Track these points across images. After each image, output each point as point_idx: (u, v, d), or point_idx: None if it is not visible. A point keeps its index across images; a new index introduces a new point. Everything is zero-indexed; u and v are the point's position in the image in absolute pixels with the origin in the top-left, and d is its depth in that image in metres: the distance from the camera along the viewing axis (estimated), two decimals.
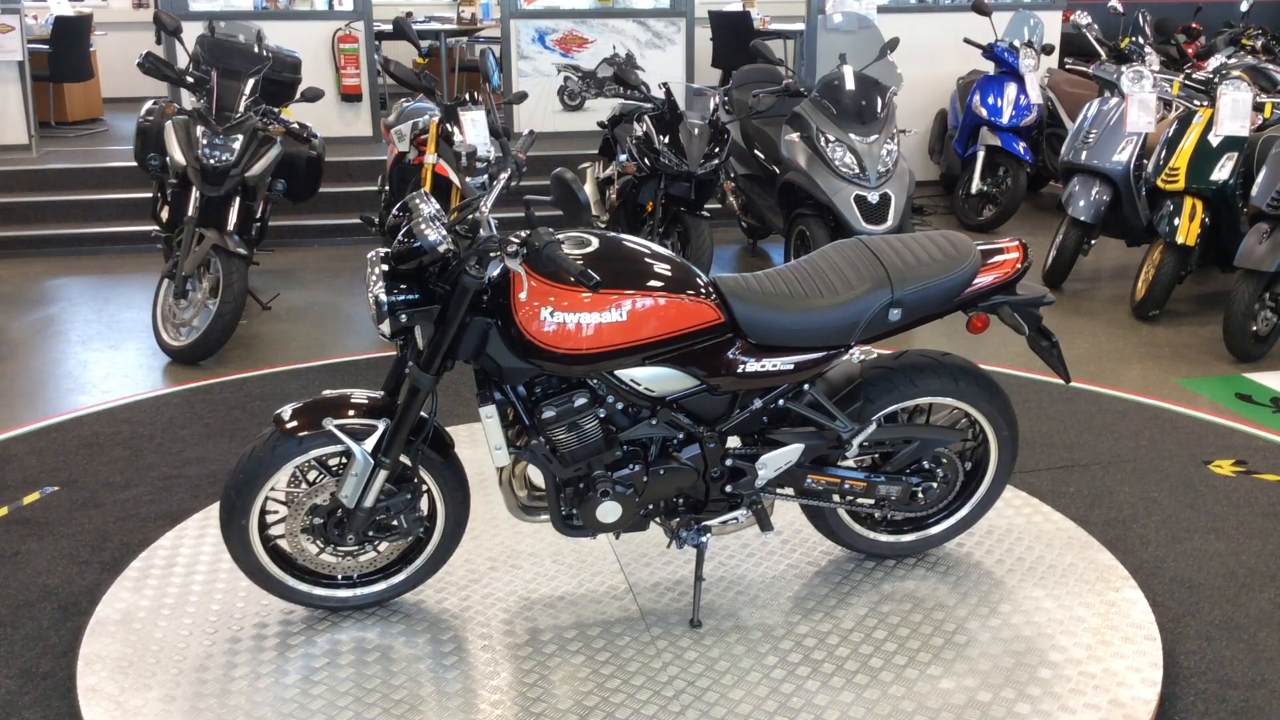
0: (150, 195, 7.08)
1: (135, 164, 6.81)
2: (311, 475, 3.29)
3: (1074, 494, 4.36)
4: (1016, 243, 3.39)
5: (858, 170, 6.51)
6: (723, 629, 3.35)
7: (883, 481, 3.46)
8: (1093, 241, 7.16)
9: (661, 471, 3.25)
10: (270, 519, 3.33)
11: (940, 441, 3.50)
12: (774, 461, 3.32)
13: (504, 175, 3.18)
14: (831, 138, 6.60)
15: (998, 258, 3.33)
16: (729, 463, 3.31)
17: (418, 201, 3.07)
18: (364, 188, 8.61)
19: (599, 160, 7.86)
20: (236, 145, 5.96)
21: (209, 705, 3.02)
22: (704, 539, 3.38)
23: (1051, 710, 2.98)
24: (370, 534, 3.30)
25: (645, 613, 3.43)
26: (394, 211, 3.15)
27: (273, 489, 3.24)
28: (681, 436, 3.27)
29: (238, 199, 6.08)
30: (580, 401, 3.12)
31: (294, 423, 3.15)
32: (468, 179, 3.24)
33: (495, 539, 3.85)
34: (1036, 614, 3.42)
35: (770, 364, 3.21)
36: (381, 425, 3.16)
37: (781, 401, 3.32)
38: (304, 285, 7.52)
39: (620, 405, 3.19)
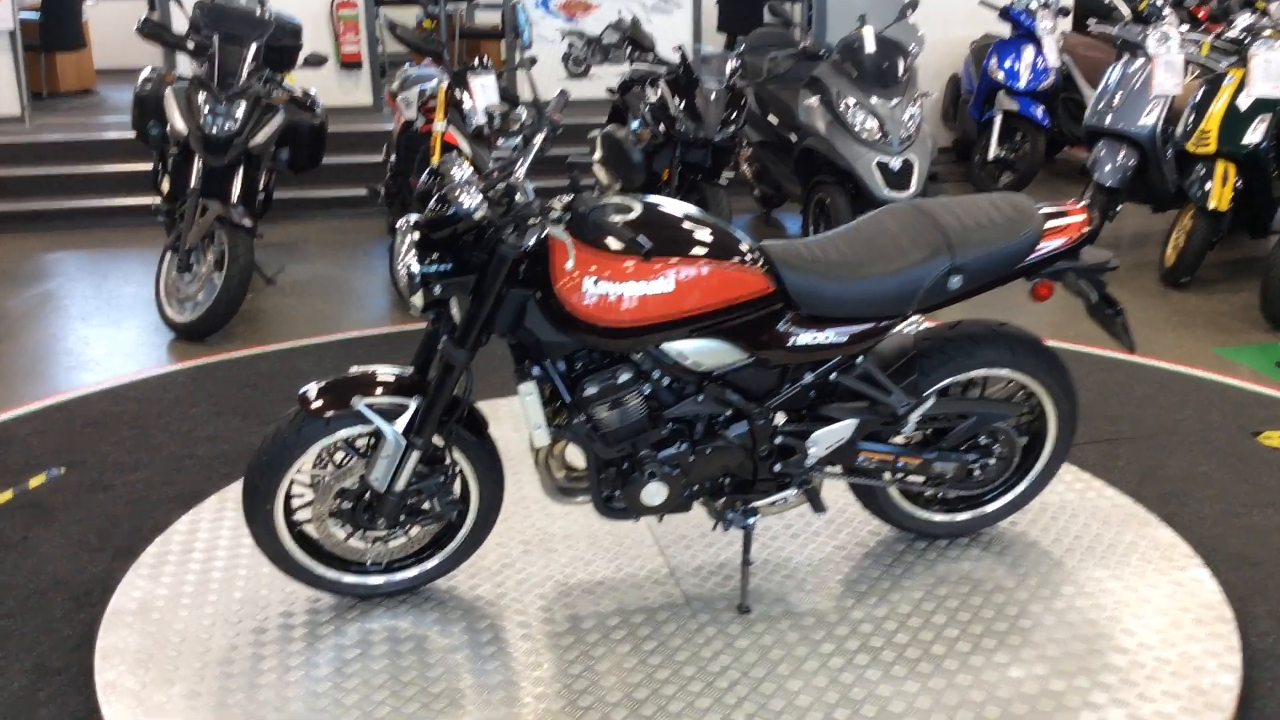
0: (150, 166, 6.85)
1: (132, 135, 6.60)
2: (338, 456, 3.11)
3: (1123, 468, 4.19)
4: (1081, 205, 3.21)
5: (879, 135, 6.32)
6: (773, 614, 3.18)
7: (937, 458, 3.30)
8: (1118, 208, 6.98)
9: (708, 450, 3.07)
10: (295, 503, 3.15)
11: (999, 416, 3.33)
12: (826, 439, 3.15)
13: (539, 138, 2.99)
14: (852, 101, 6.40)
15: (1062, 221, 3.15)
16: (778, 440, 3.13)
17: (450, 166, 2.88)
18: (366, 158, 8.39)
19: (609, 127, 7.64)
20: (240, 113, 5.76)
21: (237, 700, 2.85)
22: (751, 520, 3.21)
23: (1129, 699, 2.82)
24: (401, 518, 3.12)
25: (690, 598, 3.26)
26: (424, 177, 2.96)
27: (299, 472, 3.06)
28: (729, 413, 3.09)
29: (241, 169, 5.87)
30: (624, 377, 2.94)
31: (320, 402, 2.97)
32: (500, 141, 3.04)
33: (526, 521, 3.68)
34: (1101, 595, 3.26)
35: (822, 336, 3.03)
36: (413, 404, 2.98)
37: (833, 375, 3.14)
38: (308, 259, 7.32)
39: (666, 381, 3.01)
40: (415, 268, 2.79)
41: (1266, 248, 5.78)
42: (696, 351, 2.97)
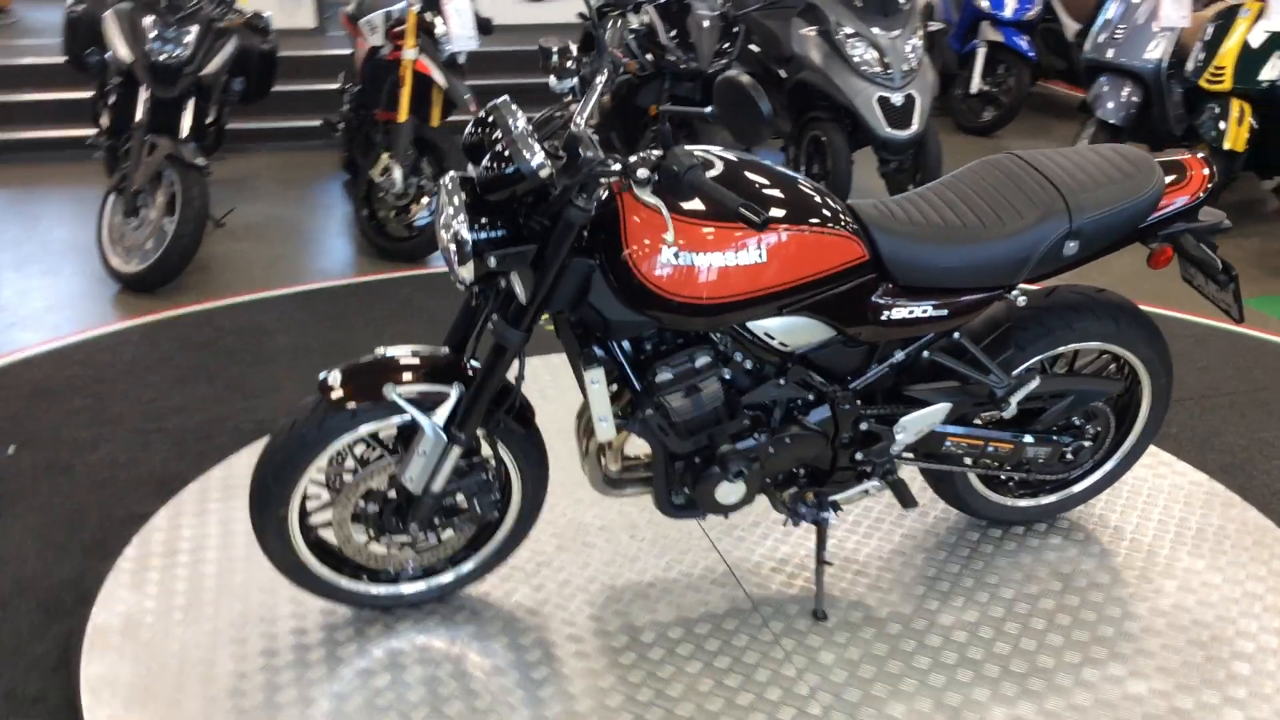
0: (88, 96, 6.20)
1: (62, 60, 5.96)
2: (359, 450, 2.68)
3: (1178, 435, 3.90)
4: (1200, 157, 2.85)
5: (880, 68, 5.91)
6: (852, 621, 2.84)
7: (1032, 442, 2.95)
8: None
9: (787, 439, 2.70)
10: (309, 505, 2.72)
11: (1098, 394, 2.99)
12: (915, 424, 2.79)
13: (600, 79, 2.55)
14: (851, 32, 5.98)
15: (1182, 176, 2.79)
16: (863, 426, 2.76)
17: (506, 115, 2.43)
18: (312, 86, 7.80)
19: None
20: (190, 39, 5.19)
21: None
22: (826, 514, 2.85)
23: (1266, 717, 2.52)
24: (436, 520, 2.71)
25: (757, 602, 2.90)
26: (470, 128, 2.51)
27: (319, 470, 2.63)
28: (811, 397, 2.71)
29: (192, 101, 5.30)
30: (702, 361, 2.54)
31: (345, 391, 2.53)
32: (552, 80, 2.57)
33: (555, 511, 3.29)
34: (1205, 591, 2.96)
35: (919, 309, 2.65)
36: (454, 392, 2.55)
37: (925, 353, 2.77)
38: (258, 197, 6.75)
39: (749, 364, 2.62)
40: (466, 234, 2.35)
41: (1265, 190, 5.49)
42: (783, 329, 2.59)
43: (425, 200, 5.58)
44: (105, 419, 3.96)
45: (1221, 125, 5.89)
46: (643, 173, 2.23)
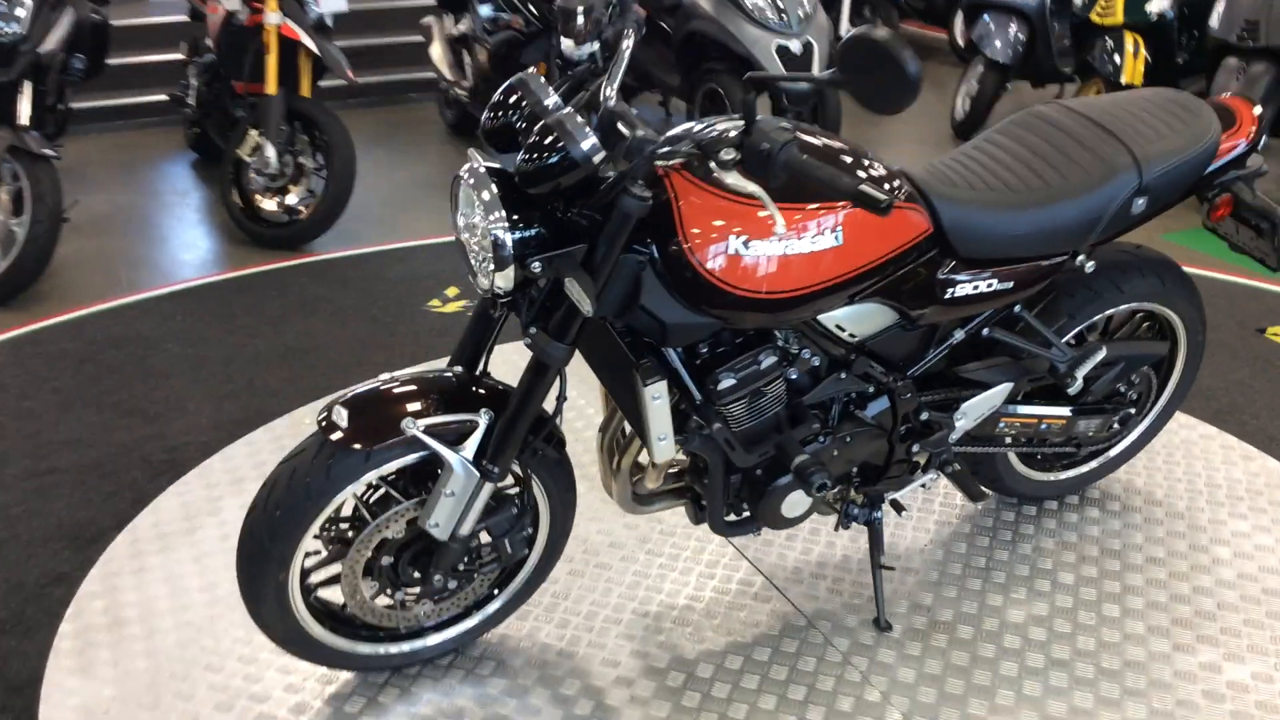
0: None
1: None
2: (364, 494, 2.27)
3: None
4: (1244, 100, 2.66)
5: (775, 15, 5.63)
6: (917, 628, 2.58)
7: (1083, 415, 2.74)
8: (1009, 86, 6.58)
9: (848, 439, 2.40)
10: (306, 561, 2.30)
11: (1149, 358, 2.79)
12: (977, 408, 2.54)
13: (627, 42, 2.17)
14: None
15: (1232, 121, 2.60)
16: (924, 416, 2.49)
17: (539, 92, 2.04)
18: (146, 58, 7.07)
19: (441, 14, 6.64)
20: (24, 12, 4.52)
21: None
22: (878, 514, 2.58)
23: None
24: (460, 566, 2.33)
25: (810, 616, 2.61)
26: (490, 111, 2.10)
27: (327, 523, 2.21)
28: (870, 390, 2.42)
29: (29, 84, 4.64)
30: (769, 361, 2.22)
31: (355, 428, 2.11)
32: (567, 45, 2.18)
33: None
34: (1260, 555, 2.82)
35: (984, 283, 2.39)
36: (483, 420, 2.15)
37: (985, 330, 2.51)
38: (99, 186, 6.05)
39: (815, 360, 2.30)
40: (505, 235, 1.96)
41: None
42: (852, 318, 2.29)
43: (305, 180, 5.06)
44: None
45: (1118, 59, 5.83)
46: (728, 153, 1.87)
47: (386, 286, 4.69)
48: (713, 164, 1.90)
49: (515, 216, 1.98)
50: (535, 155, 1.93)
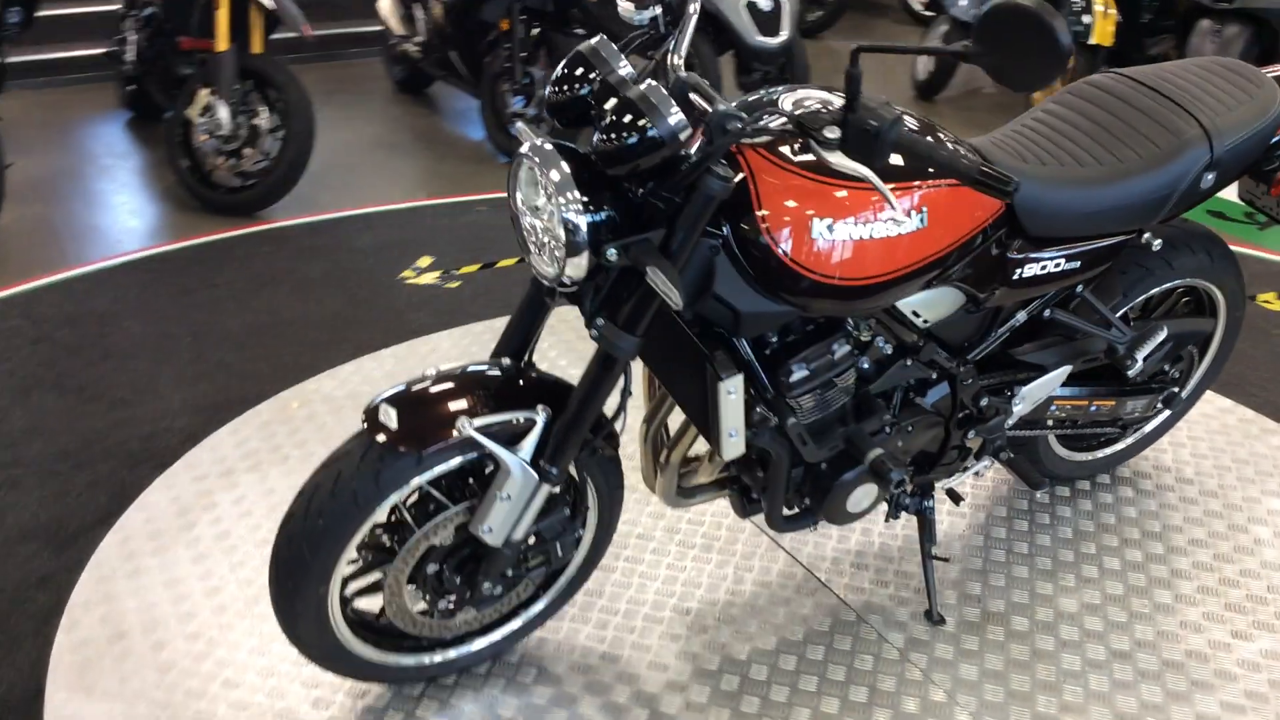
0: None
1: None
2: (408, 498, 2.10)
3: None
4: None
5: None
6: (970, 620, 2.49)
7: (1131, 395, 2.65)
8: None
9: (910, 428, 2.28)
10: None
11: (1196, 335, 2.72)
12: (1036, 392, 2.44)
13: (694, 5, 2.00)
14: None
15: None
16: (983, 402, 2.38)
17: (613, 61, 1.87)
18: (76, 9, 6.69)
19: None
20: None
21: None
22: (929, 503, 2.48)
23: None
24: (509, 572, 2.17)
25: (859, 610, 2.50)
26: (553, 86, 1.92)
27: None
28: (933, 376, 2.30)
29: None
30: (842, 351, 2.08)
31: (404, 428, 1.93)
32: (627, 7, 1.99)
33: None
34: None
35: (1053, 262, 2.27)
36: (540, 418, 1.99)
37: (1046, 312, 2.40)
38: (31, 148, 5.70)
39: (887, 349, 2.17)
40: (580, 219, 1.79)
41: None
42: (925, 303, 2.16)
43: (260, 142, 4.79)
44: None
45: (1086, 19, 5.77)
46: (831, 131, 1.72)
47: (353, 256, 4.46)
48: (813, 143, 1.74)
49: (586, 199, 1.81)
50: (615, 134, 1.76)
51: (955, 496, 2.51)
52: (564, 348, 3.59)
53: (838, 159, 1.72)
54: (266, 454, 3.05)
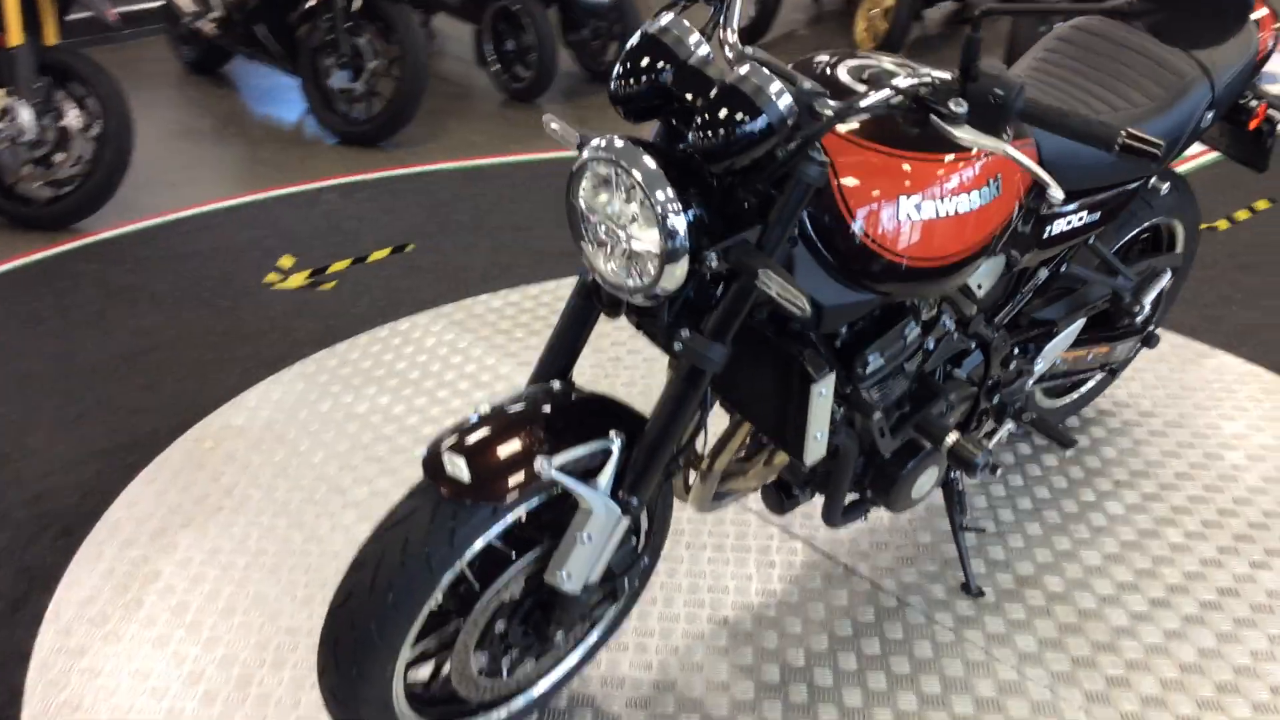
0: None
1: None
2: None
3: None
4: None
5: None
6: (1008, 589, 2.44)
7: (1120, 339, 2.64)
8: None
9: (952, 399, 2.19)
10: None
11: (1174, 271, 2.72)
12: (1053, 351, 2.39)
13: None
14: None
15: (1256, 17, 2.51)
16: (1011, 365, 2.31)
17: (690, 43, 1.65)
18: None
19: None
20: None
21: None
22: (955, 474, 2.40)
23: None
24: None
25: (899, 595, 2.41)
26: (619, 78, 1.69)
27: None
28: (973, 346, 2.21)
29: None
30: (913, 334, 1.96)
31: (476, 477, 1.69)
32: None
33: None
34: (1271, 456, 2.85)
35: (1076, 217, 2.21)
36: (616, 446, 1.78)
37: (1064, 267, 2.34)
38: None
39: (950, 325, 2.06)
40: (677, 222, 1.58)
41: None
42: (983, 273, 2.06)
43: (72, 146, 4.28)
44: None
45: None
46: (958, 104, 1.57)
47: (201, 263, 4.05)
48: (935, 119, 1.59)
49: (692, 198, 1.62)
50: (718, 126, 1.55)
51: (994, 466, 2.44)
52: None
53: (966, 134, 1.57)
54: (195, 507, 2.70)
